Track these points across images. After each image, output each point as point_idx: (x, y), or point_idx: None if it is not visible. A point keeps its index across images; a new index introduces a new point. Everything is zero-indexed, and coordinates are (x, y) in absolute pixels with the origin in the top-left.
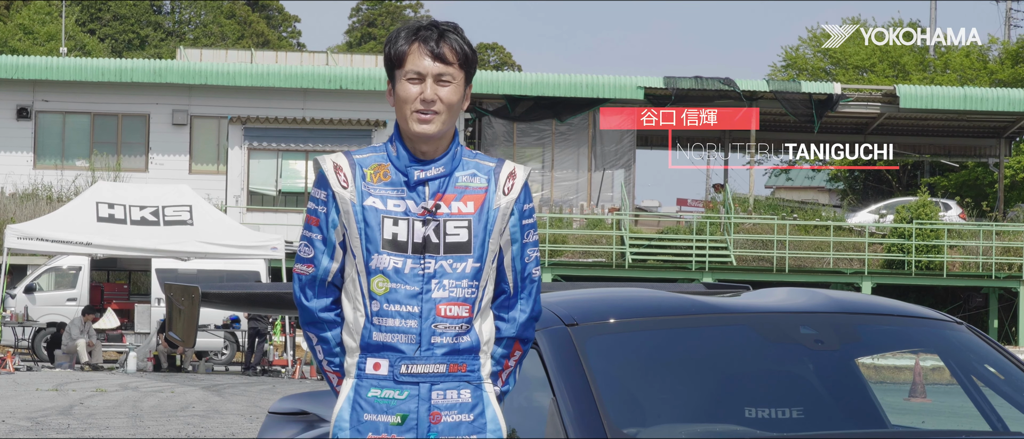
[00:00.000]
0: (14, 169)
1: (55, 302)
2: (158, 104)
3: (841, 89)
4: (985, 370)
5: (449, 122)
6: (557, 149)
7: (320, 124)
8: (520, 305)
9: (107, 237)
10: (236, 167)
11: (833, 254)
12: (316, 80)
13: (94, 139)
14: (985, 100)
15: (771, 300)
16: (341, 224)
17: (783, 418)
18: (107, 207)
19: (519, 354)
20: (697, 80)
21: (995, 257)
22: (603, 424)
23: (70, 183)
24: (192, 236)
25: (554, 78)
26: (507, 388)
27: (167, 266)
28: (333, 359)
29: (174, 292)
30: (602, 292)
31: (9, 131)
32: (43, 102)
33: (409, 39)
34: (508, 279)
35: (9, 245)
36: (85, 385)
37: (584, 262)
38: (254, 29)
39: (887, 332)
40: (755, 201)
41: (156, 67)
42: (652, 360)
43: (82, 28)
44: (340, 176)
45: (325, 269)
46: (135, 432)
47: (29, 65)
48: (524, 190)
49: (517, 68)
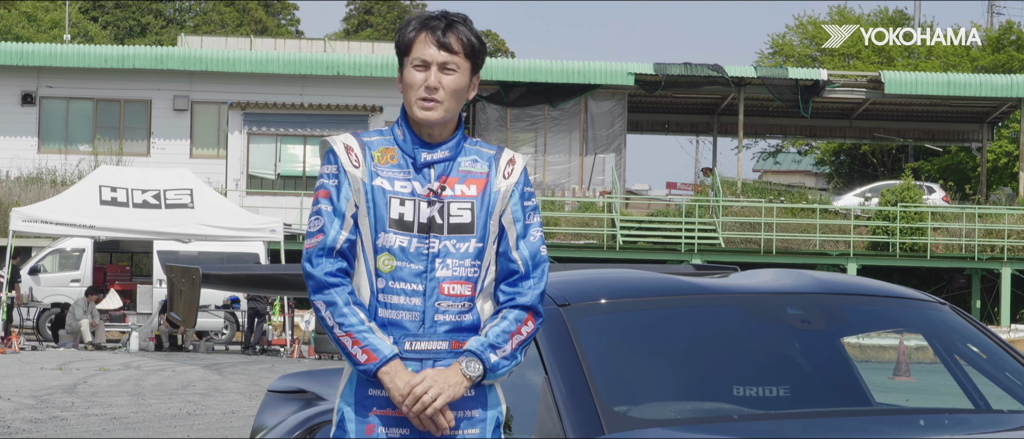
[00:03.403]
0: (19, 153)
1: (59, 283)
2: (159, 90)
3: (827, 75)
4: (968, 350)
5: (452, 109)
6: (549, 134)
7: (318, 109)
8: (533, 280)
9: (110, 220)
10: (236, 151)
11: (819, 236)
12: (314, 67)
13: (97, 124)
14: (968, 86)
15: (758, 281)
16: (353, 200)
17: (770, 396)
18: (110, 191)
19: (531, 327)
20: (686, 67)
21: (978, 239)
22: (594, 402)
23: (74, 167)
24: (193, 219)
25: (546, 64)
26: (516, 360)
27: (168, 248)
28: (343, 321)
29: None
30: (593, 273)
31: (14, 116)
32: (47, 88)
33: (417, 28)
34: (517, 258)
35: (14, 228)
36: (89, 364)
37: (576, 244)
38: (253, 17)
39: (872, 312)
40: (743, 184)
41: (157, 54)
42: (642, 340)
43: (85, 15)
44: (351, 156)
45: (334, 236)
46: (137, 410)
47: (33, 52)
48: (523, 174)
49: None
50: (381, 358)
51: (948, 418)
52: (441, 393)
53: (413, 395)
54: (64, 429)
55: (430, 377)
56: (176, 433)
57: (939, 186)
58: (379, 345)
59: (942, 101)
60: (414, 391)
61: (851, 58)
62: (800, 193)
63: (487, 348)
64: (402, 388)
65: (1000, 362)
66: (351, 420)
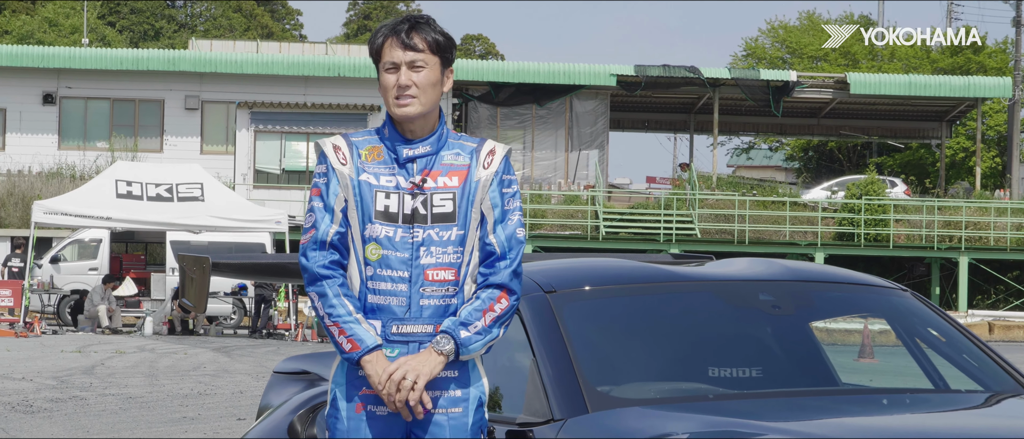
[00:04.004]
0: (40, 150)
1: (78, 271)
2: (172, 90)
3: (796, 76)
4: (928, 333)
5: (427, 103)
6: (537, 131)
7: (320, 108)
8: (507, 260)
9: (125, 212)
10: (243, 148)
11: (789, 227)
12: (316, 68)
13: (113, 122)
14: (928, 87)
15: (732, 269)
16: (341, 195)
17: (743, 377)
18: (125, 185)
19: (506, 303)
20: (665, 68)
21: (937, 230)
22: (579, 383)
23: (91, 163)
24: (203, 211)
25: (534, 66)
26: (493, 334)
27: (180, 238)
28: (332, 311)
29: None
30: (578, 262)
31: (36, 115)
32: (67, 89)
33: (385, 34)
34: (494, 241)
35: (36, 219)
36: (106, 347)
37: (561, 235)
38: (259, 22)
39: (838, 298)
40: (718, 179)
41: (170, 57)
42: (624, 324)
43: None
44: (339, 155)
45: (325, 230)
46: (151, 390)
47: (54, 55)
48: (503, 162)
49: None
50: (364, 348)
51: (909, 398)
52: (418, 376)
53: (392, 381)
54: (83, 408)
55: (405, 364)
56: (188, 412)
57: (901, 180)
58: (363, 335)
59: (904, 101)
60: (392, 377)
61: (819, 60)
62: (771, 187)
63: (458, 325)
64: (381, 375)
65: (958, 345)
66: (342, 399)
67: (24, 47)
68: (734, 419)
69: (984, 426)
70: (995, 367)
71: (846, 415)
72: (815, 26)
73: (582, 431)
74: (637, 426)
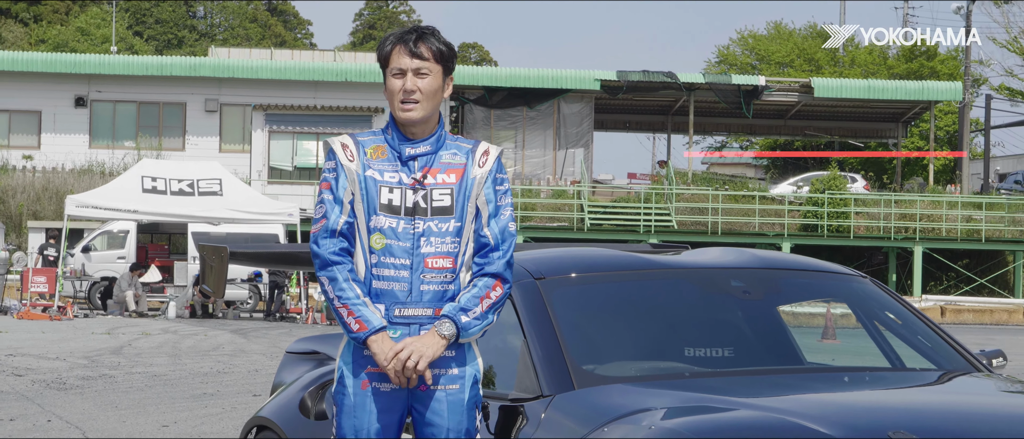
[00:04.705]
0: (73, 149)
1: (107, 260)
2: (193, 94)
3: (765, 81)
4: (885, 316)
5: (429, 108)
6: (527, 131)
7: (329, 110)
8: (500, 251)
9: (150, 205)
10: (258, 147)
11: (758, 219)
12: (325, 74)
13: (139, 124)
14: (885, 90)
15: (706, 258)
16: (349, 189)
17: (716, 357)
18: (150, 180)
19: (500, 291)
20: (644, 73)
21: (894, 222)
22: (566, 362)
23: (119, 161)
24: (222, 204)
25: (525, 72)
26: (488, 320)
27: (201, 229)
28: (341, 294)
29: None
30: (565, 251)
31: (68, 117)
32: (97, 93)
33: (394, 42)
34: (488, 234)
35: (69, 212)
36: (132, 329)
37: (550, 226)
38: (273, 31)
39: (803, 284)
40: (693, 175)
41: (191, 63)
42: (607, 308)
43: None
44: (347, 152)
45: (335, 220)
46: (174, 368)
47: (85, 62)
48: (496, 162)
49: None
50: (370, 328)
51: (868, 375)
52: (422, 356)
53: (398, 360)
54: (112, 385)
55: (410, 344)
56: (208, 388)
57: (861, 176)
58: (370, 317)
59: (863, 104)
60: (399, 357)
61: (785, 66)
62: (742, 182)
63: (458, 311)
64: (388, 354)
65: (913, 327)
66: (349, 376)
67: (58, 54)
68: (708, 395)
69: (937, 401)
70: (947, 347)
71: (810, 392)
72: (781, 34)
73: (568, 406)
74: (619, 402)
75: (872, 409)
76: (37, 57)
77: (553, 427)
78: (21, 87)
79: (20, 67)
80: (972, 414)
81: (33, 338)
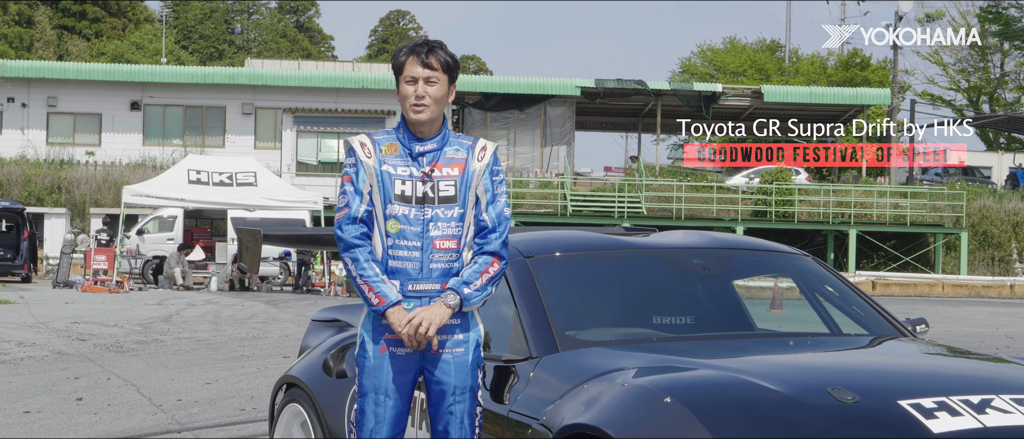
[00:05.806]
0: (128, 146)
1: (158, 241)
2: (232, 99)
3: (722, 88)
4: (825, 289)
5: (437, 111)
6: (518, 131)
7: (348, 113)
8: (496, 233)
9: (195, 194)
10: (288, 144)
11: (716, 206)
12: (345, 82)
13: (186, 124)
14: (825, 96)
15: (672, 239)
16: (367, 181)
17: (680, 324)
18: (195, 173)
19: (497, 267)
20: (618, 81)
21: (832, 209)
22: (551, 328)
23: (169, 156)
24: (256, 194)
25: (516, 80)
26: (487, 291)
27: (238, 215)
28: (363, 273)
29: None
30: (551, 233)
31: (125, 119)
32: (149, 98)
33: (407, 53)
34: (487, 218)
35: (125, 200)
36: (180, 301)
37: (538, 212)
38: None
39: (755, 262)
40: (660, 168)
41: (230, 72)
42: (587, 282)
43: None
44: (365, 150)
45: (356, 208)
46: (216, 334)
47: (139, 71)
48: (493, 157)
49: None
50: (388, 302)
51: (810, 340)
52: (431, 323)
53: (411, 326)
54: (162, 348)
55: (421, 313)
56: (244, 351)
57: (804, 170)
58: (388, 292)
59: (806, 107)
60: (412, 323)
61: (739, 75)
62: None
63: (462, 284)
64: (402, 321)
65: (848, 299)
66: (369, 342)
67: (116, 65)
68: (672, 357)
69: (869, 362)
70: (877, 316)
71: (761, 354)
72: (735, 48)
73: (553, 366)
74: (597, 362)
75: (814, 368)
76: (98, 67)
77: (540, 384)
78: (84, 93)
79: (84, 76)
80: (899, 372)
81: (95, 308)
